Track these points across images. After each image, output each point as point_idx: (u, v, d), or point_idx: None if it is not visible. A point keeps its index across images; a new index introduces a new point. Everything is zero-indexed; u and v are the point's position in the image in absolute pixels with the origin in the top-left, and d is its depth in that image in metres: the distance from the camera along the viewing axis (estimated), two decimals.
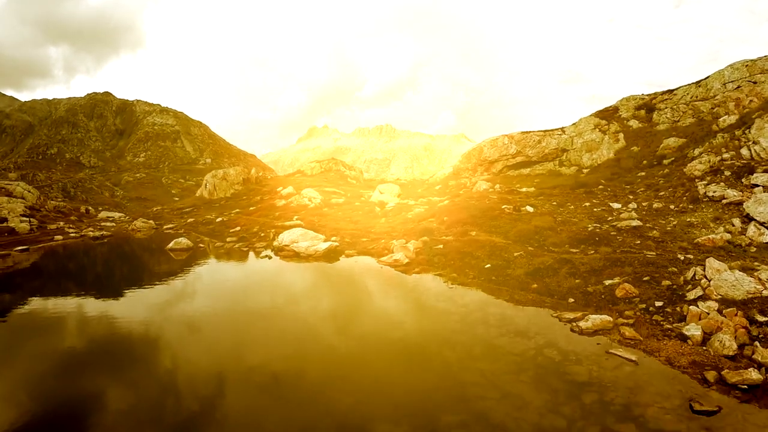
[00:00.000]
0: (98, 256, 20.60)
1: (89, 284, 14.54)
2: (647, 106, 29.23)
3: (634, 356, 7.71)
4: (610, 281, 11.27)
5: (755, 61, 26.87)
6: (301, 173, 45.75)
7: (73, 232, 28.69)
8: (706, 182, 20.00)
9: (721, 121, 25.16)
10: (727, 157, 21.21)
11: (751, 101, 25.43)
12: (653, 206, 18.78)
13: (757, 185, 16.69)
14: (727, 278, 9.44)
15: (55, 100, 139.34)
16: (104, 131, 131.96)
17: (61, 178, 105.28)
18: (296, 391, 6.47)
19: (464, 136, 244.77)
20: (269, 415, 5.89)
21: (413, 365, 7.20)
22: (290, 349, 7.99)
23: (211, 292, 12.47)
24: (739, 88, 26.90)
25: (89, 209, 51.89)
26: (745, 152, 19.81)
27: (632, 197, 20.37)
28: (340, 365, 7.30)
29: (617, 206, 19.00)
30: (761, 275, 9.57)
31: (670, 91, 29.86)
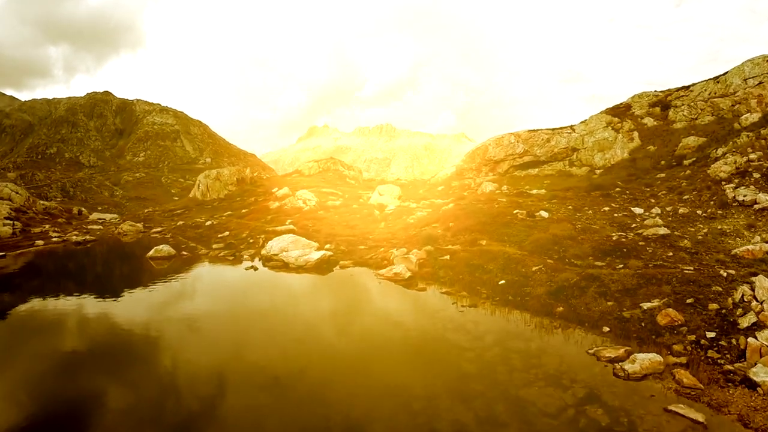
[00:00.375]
0: (71, 264, 18.83)
1: (46, 295, 12.72)
2: (662, 103, 27.39)
3: (700, 416, 5.92)
4: (648, 304, 9.48)
5: None
6: (298, 173, 43.94)
7: (56, 236, 26.88)
8: (734, 185, 18.13)
9: (743, 119, 23.28)
10: (754, 158, 19.36)
11: None
12: (679, 211, 16.96)
13: None
14: None
15: (54, 99, 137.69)
16: (104, 131, 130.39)
17: (60, 177, 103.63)
18: None
19: (464, 135, 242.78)
20: None
21: None
22: (256, 402, 6.20)
23: (173, 313, 10.66)
24: (761, 84, 25.05)
25: (82, 210, 50.11)
26: None
27: (654, 201, 18.55)
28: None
29: (639, 211, 17.18)
30: None
31: (685, 87, 28.02)
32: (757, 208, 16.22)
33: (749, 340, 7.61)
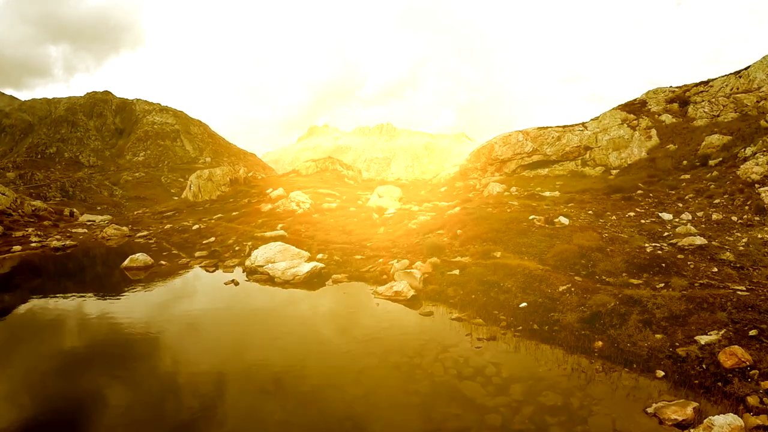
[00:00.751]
0: (36, 275, 16.93)
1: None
2: (680, 99, 25.41)
3: None
4: (705, 338, 7.55)
5: None
6: (296, 173, 41.99)
7: (36, 241, 24.95)
8: None
9: None
10: None
11: None
12: (712, 217, 15.01)
13: None
14: None
15: (54, 99, 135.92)
16: (104, 130, 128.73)
17: (59, 177, 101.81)
18: None
19: (464, 135, 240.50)
20: None
21: None
22: None
23: (115, 341, 8.74)
24: None
25: (74, 211, 48.17)
26: None
27: (682, 205, 16.60)
28: None
29: (668, 217, 15.23)
30: None
31: (704, 82, 26.03)
32: None
33: None
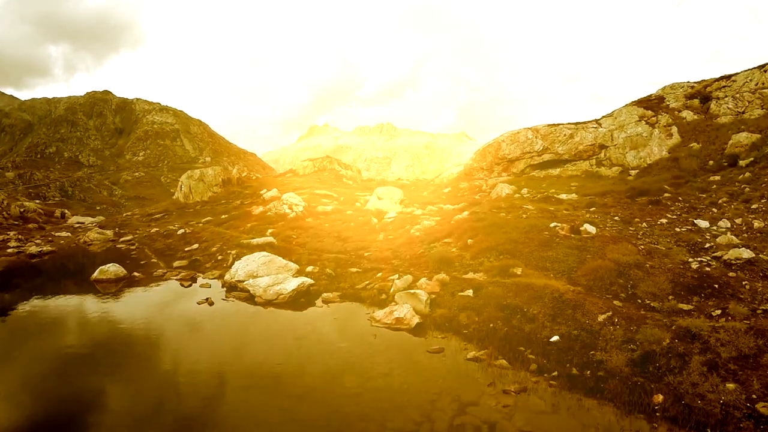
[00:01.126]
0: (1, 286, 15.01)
1: None
2: (700, 94, 23.46)
3: None
4: None
5: None
6: (293, 173, 40.04)
7: (14, 246, 23.05)
8: None
9: None
10: None
11: None
12: (753, 225, 13.03)
13: None
14: None
15: (54, 98, 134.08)
16: (103, 130, 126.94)
17: (59, 177, 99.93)
18: None
19: (465, 134, 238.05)
20: None
21: None
22: None
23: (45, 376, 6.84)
24: None
25: (65, 212, 46.31)
26: None
27: (717, 211, 14.63)
28: None
29: (704, 224, 13.26)
30: None
31: (726, 77, 24.06)
32: None
33: None
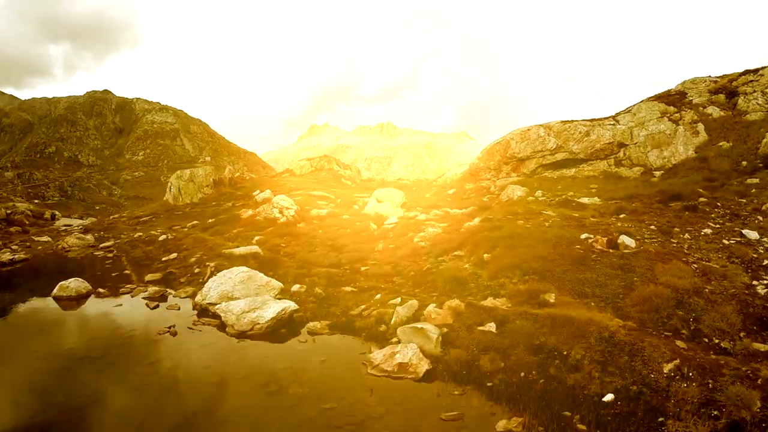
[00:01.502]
0: None
1: None
2: (726, 89, 21.42)
3: None
4: None
5: None
6: (290, 173, 38.04)
7: None
8: None
9: None
10: None
11: None
12: None
13: None
14: None
15: (54, 98, 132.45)
16: (103, 129, 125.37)
17: (58, 176, 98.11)
18: None
19: (465, 134, 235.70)
20: None
21: None
22: None
23: None
24: None
25: (55, 214, 44.41)
26: None
27: (762, 219, 12.60)
28: None
29: (754, 235, 11.23)
30: None
31: (752, 71, 22.03)
32: None
33: None
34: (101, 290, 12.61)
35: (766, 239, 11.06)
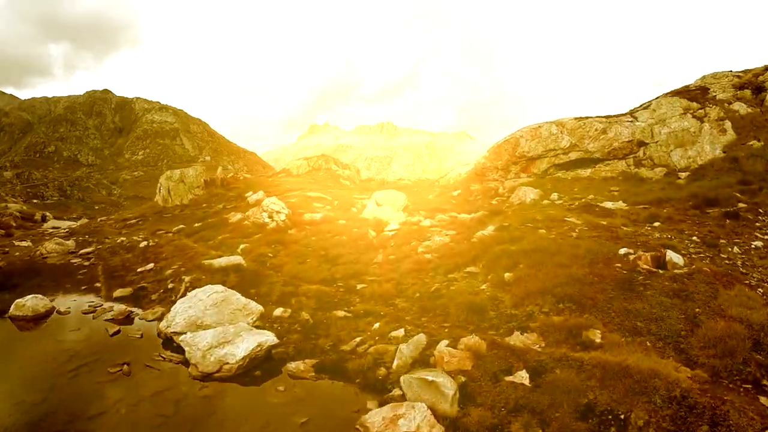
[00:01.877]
0: None
1: None
2: (752, 84, 19.70)
3: None
4: None
5: None
6: (286, 172, 36.33)
7: None
8: None
9: None
10: None
11: None
12: None
13: None
14: None
15: (54, 98, 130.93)
16: (103, 129, 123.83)
17: (57, 176, 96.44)
18: None
19: (466, 133, 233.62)
20: None
21: None
22: None
23: None
24: None
25: (46, 215, 42.73)
26: None
27: None
28: None
29: None
30: None
31: None
32: None
33: None
34: (62, 309, 10.92)
35: None
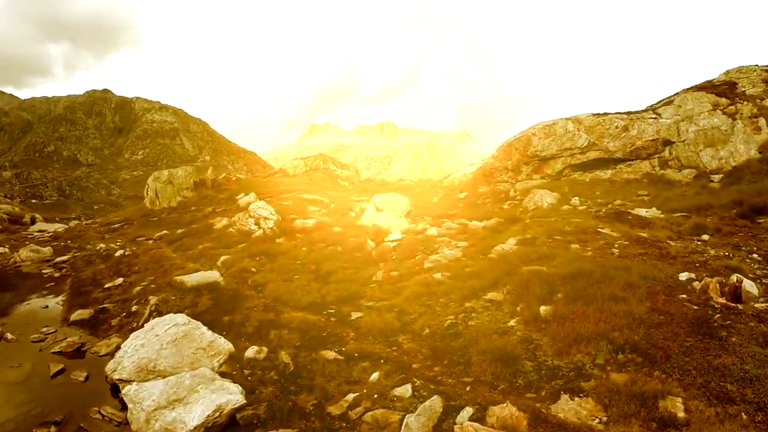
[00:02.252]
0: None
1: None
2: None
3: None
4: None
5: None
6: (282, 173, 34.57)
7: None
8: None
9: None
10: None
11: None
12: None
13: None
14: None
15: (54, 97, 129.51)
16: (103, 129, 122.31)
17: (57, 176, 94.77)
18: None
19: (466, 133, 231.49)
20: None
21: None
22: None
23: None
24: None
25: (36, 217, 40.96)
26: None
27: None
28: None
29: None
30: None
31: None
32: None
33: None
34: (10, 336, 9.19)
35: None
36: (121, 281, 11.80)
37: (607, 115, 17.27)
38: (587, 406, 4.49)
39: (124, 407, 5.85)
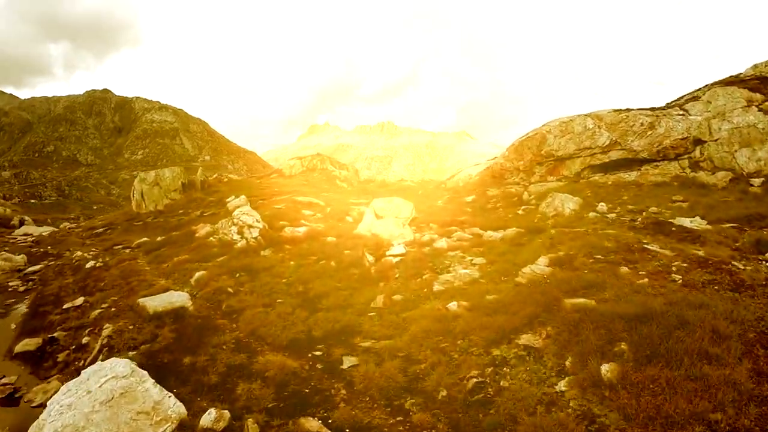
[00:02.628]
0: None
1: None
2: None
3: None
4: None
5: None
6: (278, 173, 32.90)
7: None
8: None
9: None
10: None
11: None
12: None
13: None
14: None
15: (53, 97, 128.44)
16: (102, 128, 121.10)
17: (56, 176, 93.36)
18: None
19: (466, 133, 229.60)
20: None
21: None
22: None
23: None
24: None
25: (24, 219, 39.33)
26: None
27: None
28: None
29: None
30: None
31: None
32: None
33: None
34: None
35: None
36: (81, 301, 10.13)
37: (630, 111, 15.56)
38: None
39: None
